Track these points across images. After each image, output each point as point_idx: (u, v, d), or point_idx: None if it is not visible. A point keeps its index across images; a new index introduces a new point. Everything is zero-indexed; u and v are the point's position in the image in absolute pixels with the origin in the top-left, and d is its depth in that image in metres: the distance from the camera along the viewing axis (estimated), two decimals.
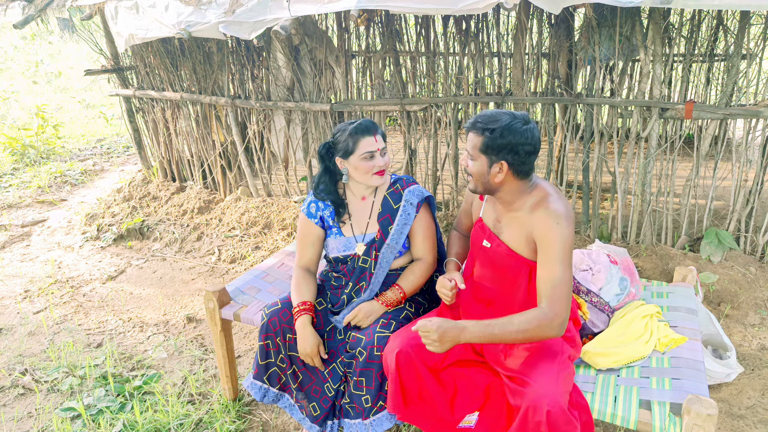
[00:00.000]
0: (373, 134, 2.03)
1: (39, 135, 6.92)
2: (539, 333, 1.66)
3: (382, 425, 1.96)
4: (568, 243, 1.69)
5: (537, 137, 1.74)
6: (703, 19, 4.62)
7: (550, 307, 1.66)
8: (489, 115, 1.74)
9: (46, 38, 15.01)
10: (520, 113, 1.76)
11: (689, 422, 1.62)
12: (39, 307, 3.57)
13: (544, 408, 1.56)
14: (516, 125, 1.70)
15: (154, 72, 4.81)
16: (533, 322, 1.65)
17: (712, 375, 2.47)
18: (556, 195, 1.77)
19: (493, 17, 3.90)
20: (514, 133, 1.70)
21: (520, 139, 1.70)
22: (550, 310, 1.66)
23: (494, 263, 1.88)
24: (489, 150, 1.73)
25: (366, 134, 2.02)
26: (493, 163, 1.74)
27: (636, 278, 2.35)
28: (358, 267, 2.15)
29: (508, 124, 1.70)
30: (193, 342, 3.12)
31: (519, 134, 1.70)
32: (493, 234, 1.88)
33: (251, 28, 3.32)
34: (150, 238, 4.47)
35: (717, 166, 3.35)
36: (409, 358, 1.83)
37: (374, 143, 2.03)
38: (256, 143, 4.52)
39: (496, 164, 1.74)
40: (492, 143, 1.72)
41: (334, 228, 2.18)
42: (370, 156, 2.03)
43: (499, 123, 1.71)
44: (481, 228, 1.95)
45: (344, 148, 2.05)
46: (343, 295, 2.19)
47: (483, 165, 1.76)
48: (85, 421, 2.48)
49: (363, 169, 2.05)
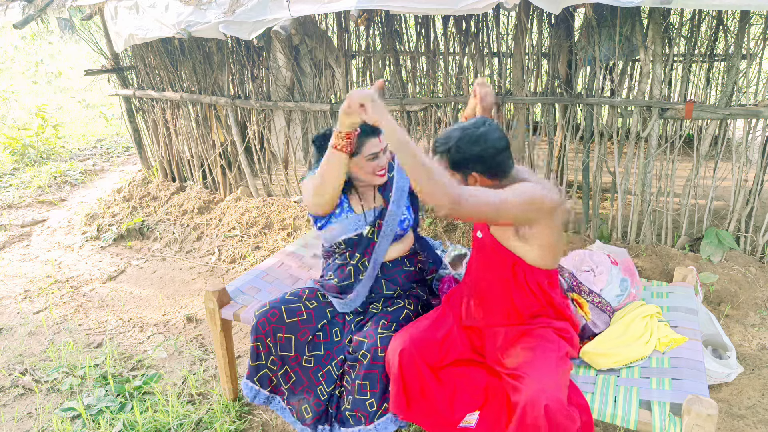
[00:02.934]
0: (377, 135, 2.03)
1: (39, 135, 6.92)
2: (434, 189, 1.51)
3: (386, 429, 1.96)
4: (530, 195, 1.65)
5: (495, 137, 1.72)
6: (703, 19, 4.62)
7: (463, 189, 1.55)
8: (443, 137, 1.77)
9: (46, 38, 15.01)
10: (472, 121, 1.76)
11: (689, 422, 1.62)
12: (39, 307, 3.57)
13: (542, 402, 1.57)
14: (468, 135, 1.71)
15: (154, 72, 4.80)
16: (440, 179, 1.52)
17: (712, 375, 2.47)
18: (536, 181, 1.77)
19: (493, 17, 3.90)
20: (469, 145, 1.71)
21: (477, 147, 1.71)
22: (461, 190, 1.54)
23: (487, 255, 1.91)
24: (457, 167, 1.76)
25: (371, 136, 2.02)
26: (467, 176, 1.77)
27: (636, 279, 2.35)
28: (365, 239, 2.14)
29: (459, 138, 1.72)
30: (193, 342, 3.12)
31: (474, 143, 1.71)
32: (485, 226, 1.91)
33: (251, 28, 3.32)
34: (150, 238, 4.47)
35: (717, 166, 3.35)
36: (412, 357, 1.84)
37: (378, 144, 2.03)
38: (256, 143, 4.52)
39: (470, 177, 1.76)
40: (455, 161, 1.74)
41: (345, 203, 2.13)
42: (374, 157, 2.03)
43: (451, 141, 1.73)
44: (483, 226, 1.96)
45: None
46: (349, 267, 2.17)
47: (460, 181, 1.77)
48: (85, 421, 2.48)
49: (367, 169, 2.05)
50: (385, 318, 2.06)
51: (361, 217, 2.14)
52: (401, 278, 2.22)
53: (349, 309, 2.17)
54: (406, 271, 2.25)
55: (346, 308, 2.17)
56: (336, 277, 2.20)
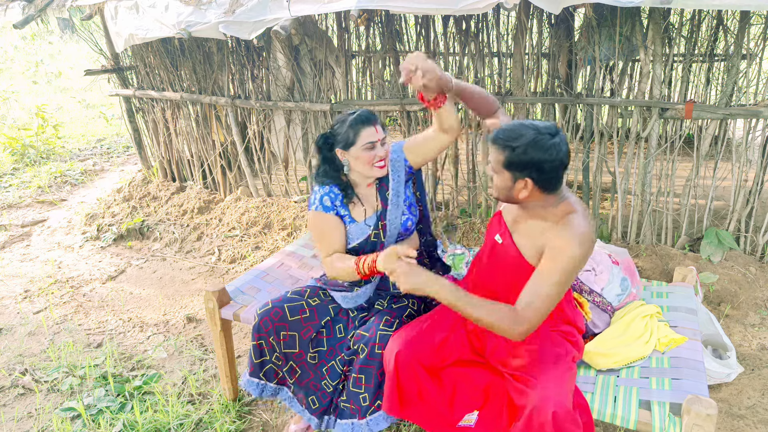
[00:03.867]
0: (373, 124, 2.03)
1: (39, 135, 6.92)
2: (500, 330, 1.60)
3: (378, 425, 1.96)
4: (574, 267, 1.62)
5: (565, 151, 1.63)
6: (703, 19, 4.62)
7: (524, 313, 1.59)
8: (511, 130, 1.64)
9: (46, 38, 15.01)
10: (546, 125, 1.64)
11: (689, 422, 1.62)
12: (39, 307, 3.57)
13: (550, 409, 1.56)
14: (541, 141, 1.59)
15: (154, 72, 4.81)
16: (501, 317, 1.59)
17: (712, 375, 2.46)
18: (582, 214, 1.68)
19: (493, 17, 3.89)
20: (538, 150, 1.59)
21: (546, 155, 1.59)
22: (522, 316, 1.59)
23: (500, 260, 1.86)
24: (512, 167, 1.64)
25: (366, 124, 2.02)
26: (517, 180, 1.66)
27: (636, 278, 2.35)
28: (371, 242, 2.13)
29: (533, 140, 1.60)
30: (193, 342, 3.12)
31: (544, 150, 1.59)
32: (507, 231, 1.84)
33: (251, 28, 3.32)
34: (150, 238, 4.47)
35: (717, 166, 3.35)
36: (408, 360, 1.83)
37: (375, 133, 2.02)
38: (256, 143, 4.52)
39: (520, 180, 1.65)
40: (515, 160, 1.62)
41: (346, 216, 2.13)
42: (371, 146, 2.02)
43: (523, 139, 1.60)
44: (498, 221, 1.91)
45: (345, 140, 2.03)
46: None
47: (506, 180, 1.67)
48: (85, 421, 2.48)
49: (364, 160, 2.04)
50: (389, 314, 2.06)
51: (363, 225, 2.13)
52: None
53: (354, 304, 2.17)
54: None
55: (350, 303, 2.17)
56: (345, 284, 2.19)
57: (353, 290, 2.16)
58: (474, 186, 3.95)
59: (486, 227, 3.83)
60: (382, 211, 2.13)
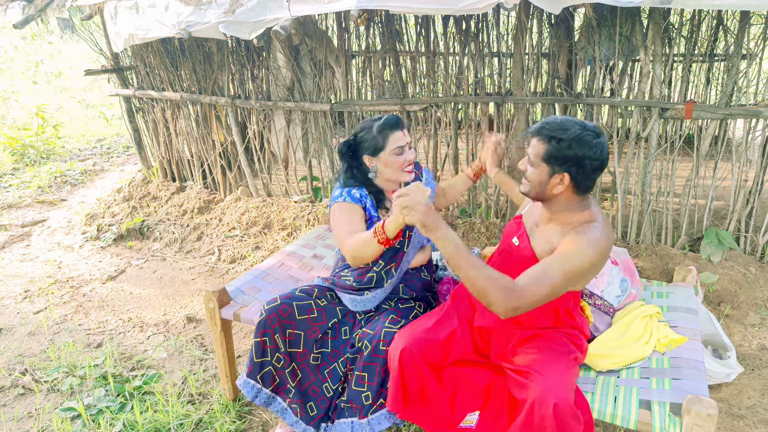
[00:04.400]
0: (401, 128, 2.03)
1: (39, 135, 6.92)
2: (492, 299, 1.56)
3: (380, 424, 1.95)
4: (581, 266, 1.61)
5: (606, 153, 1.65)
6: (703, 19, 4.62)
7: (522, 291, 1.57)
8: (558, 123, 1.65)
9: (46, 38, 15.01)
10: (591, 124, 1.66)
11: (689, 422, 1.62)
12: (39, 307, 3.57)
13: (551, 401, 1.56)
14: (586, 137, 1.61)
15: (154, 72, 4.81)
16: (497, 287, 1.56)
17: (712, 375, 2.46)
18: (602, 224, 1.69)
19: (493, 17, 3.89)
20: (583, 146, 1.61)
21: (589, 152, 1.61)
22: (519, 294, 1.56)
23: (516, 263, 1.85)
24: (553, 160, 1.65)
25: (395, 129, 2.02)
26: (554, 174, 1.67)
27: (636, 279, 2.35)
28: (392, 249, 2.11)
29: (578, 135, 1.62)
30: (193, 342, 3.12)
31: (588, 147, 1.61)
32: (526, 235, 1.85)
33: (251, 28, 3.32)
34: (150, 238, 4.47)
35: (717, 166, 3.35)
36: (413, 357, 1.83)
37: (403, 137, 2.03)
38: (256, 143, 4.52)
39: (557, 175, 1.66)
40: (558, 153, 1.64)
41: (375, 218, 2.10)
42: (400, 151, 2.03)
43: (569, 133, 1.62)
44: (517, 224, 1.92)
45: (373, 146, 2.03)
46: (371, 273, 2.12)
47: (543, 174, 1.69)
48: (85, 421, 2.48)
49: (394, 165, 2.04)
50: (395, 313, 2.06)
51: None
52: (418, 285, 2.24)
53: (362, 308, 2.16)
54: (423, 279, 2.27)
55: (359, 307, 2.16)
56: (353, 279, 2.16)
57: (363, 294, 2.14)
58: (474, 186, 3.95)
59: (484, 228, 3.84)
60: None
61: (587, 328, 2.00)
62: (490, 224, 3.87)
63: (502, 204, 3.99)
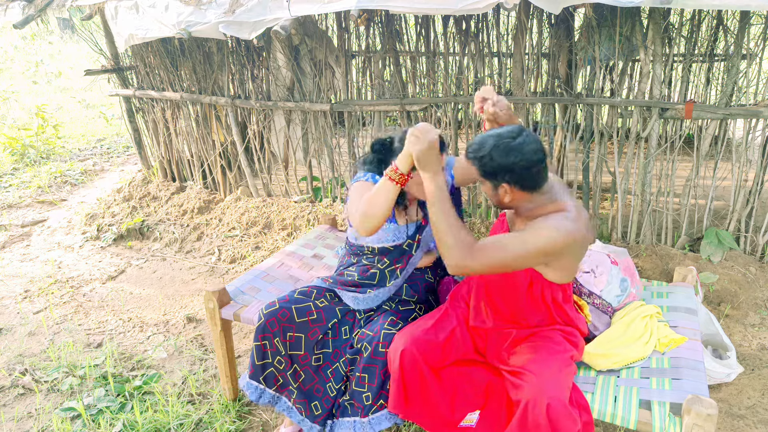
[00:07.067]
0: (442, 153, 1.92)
1: (39, 135, 6.92)
2: (448, 250, 1.64)
3: (381, 424, 1.96)
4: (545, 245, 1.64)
5: (530, 149, 1.66)
6: (703, 19, 4.62)
7: (476, 251, 1.63)
8: (476, 143, 1.72)
9: (46, 38, 15.01)
10: (508, 129, 1.70)
11: (689, 422, 1.62)
12: (39, 307, 3.57)
13: (545, 401, 1.56)
14: (503, 145, 1.66)
15: (154, 72, 4.80)
16: (457, 240, 1.64)
17: (712, 375, 2.47)
18: (573, 213, 1.70)
19: (493, 17, 3.90)
20: (503, 154, 1.66)
21: (511, 158, 1.65)
22: (473, 253, 1.63)
23: None
24: (487, 176, 1.72)
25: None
26: (497, 186, 1.73)
27: (636, 278, 2.35)
28: (400, 250, 2.12)
29: (494, 146, 1.67)
30: (193, 342, 3.12)
31: (507, 154, 1.66)
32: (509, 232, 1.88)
33: (251, 28, 3.32)
34: (150, 238, 4.47)
35: (717, 166, 3.35)
36: (413, 358, 1.84)
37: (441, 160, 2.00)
38: (256, 143, 4.52)
39: (500, 187, 1.72)
40: (486, 169, 1.70)
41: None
42: None
43: (484, 149, 1.68)
44: (501, 223, 1.97)
45: None
46: (374, 270, 2.12)
47: (489, 189, 1.76)
48: (85, 421, 2.48)
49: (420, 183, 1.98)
50: (394, 315, 2.06)
51: (403, 229, 2.12)
52: (422, 287, 2.24)
53: (364, 306, 2.16)
54: (427, 281, 2.27)
55: (361, 305, 2.16)
56: (357, 275, 2.16)
57: (366, 292, 2.13)
58: (474, 186, 3.95)
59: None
60: (422, 226, 2.15)
61: (583, 324, 2.00)
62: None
63: None
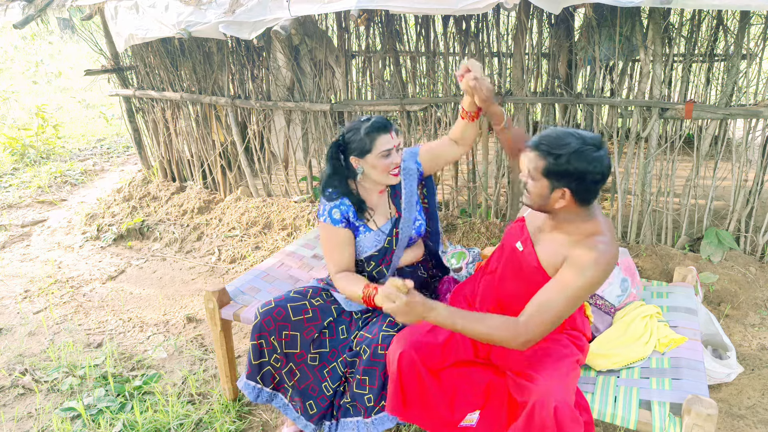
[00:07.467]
0: (389, 131, 2.02)
1: (39, 135, 6.92)
2: (502, 341, 1.61)
3: (383, 424, 1.96)
4: (590, 287, 1.61)
5: (608, 164, 1.59)
6: (703, 19, 4.62)
7: (527, 325, 1.60)
8: (555, 137, 1.60)
9: (46, 38, 15.01)
10: (591, 136, 1.60)
11: (689, 422, 1.62)
12: (39, 307, 3.57)
13: (552, 404, 1.55)
14: (586, 151, 1.56)
15: (154, 72, 4.81)
16: (502, 330, 1.60)
17: (712, 375, 2.46)
18: (608, 236, 1.65)
19: (493, 17, 3.89)
20: (582, 161, 1.56)
21: (589, 167, 1.56)
22: (525, 327, 1.59)
23: (519, 268, 1.83)
24: (552, 175, 1.60)
25: (382, 132, 2.01)
26: (554, 189, 1.62)
27: (636, 278, 2.35)
28: (383, 249, 2.15)
29: (577, 149, 1.56)
30: (193, 342, 3.12)
31: (587, 162, 1.56)
32: (530, 240, 1.81)
33: (251, 28, 3.32)
34: (150, 238, 4.47)
35: (717, 166, 3.35)
36: (411, 361, 1.83)
37: (391, 140, 2.02)
38: (256, 143, 4.52)
39: (558, 190, 1.62)
40: (556, 169, 1.59)
41: (361, 226, 2.13)
42: (387, 153, 2.02)
43: (567, 148, 1.57)
44: (520, 228, 1.88)
45: (360, 147, 2.02)
46: (364, 273, 2.18)
47: (544, 188, 1.64)
48: (85, 421, 2.48)
49: (381, 168, 2.03)
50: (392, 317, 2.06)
51: (380, 232, 2.14)
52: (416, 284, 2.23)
53: (357, 308, 2.17)
54: (420, 278, 2.27)
55: (353, 307, 2.17)
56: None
57: None
58: (474, 186, 3.95)
59: (484, 228, 3.84)
60: (397, 219, 2.15)
61: (588, 328, 2.00)
62: (491, 224, 3.87)
63: (502, 204, 3.99)
